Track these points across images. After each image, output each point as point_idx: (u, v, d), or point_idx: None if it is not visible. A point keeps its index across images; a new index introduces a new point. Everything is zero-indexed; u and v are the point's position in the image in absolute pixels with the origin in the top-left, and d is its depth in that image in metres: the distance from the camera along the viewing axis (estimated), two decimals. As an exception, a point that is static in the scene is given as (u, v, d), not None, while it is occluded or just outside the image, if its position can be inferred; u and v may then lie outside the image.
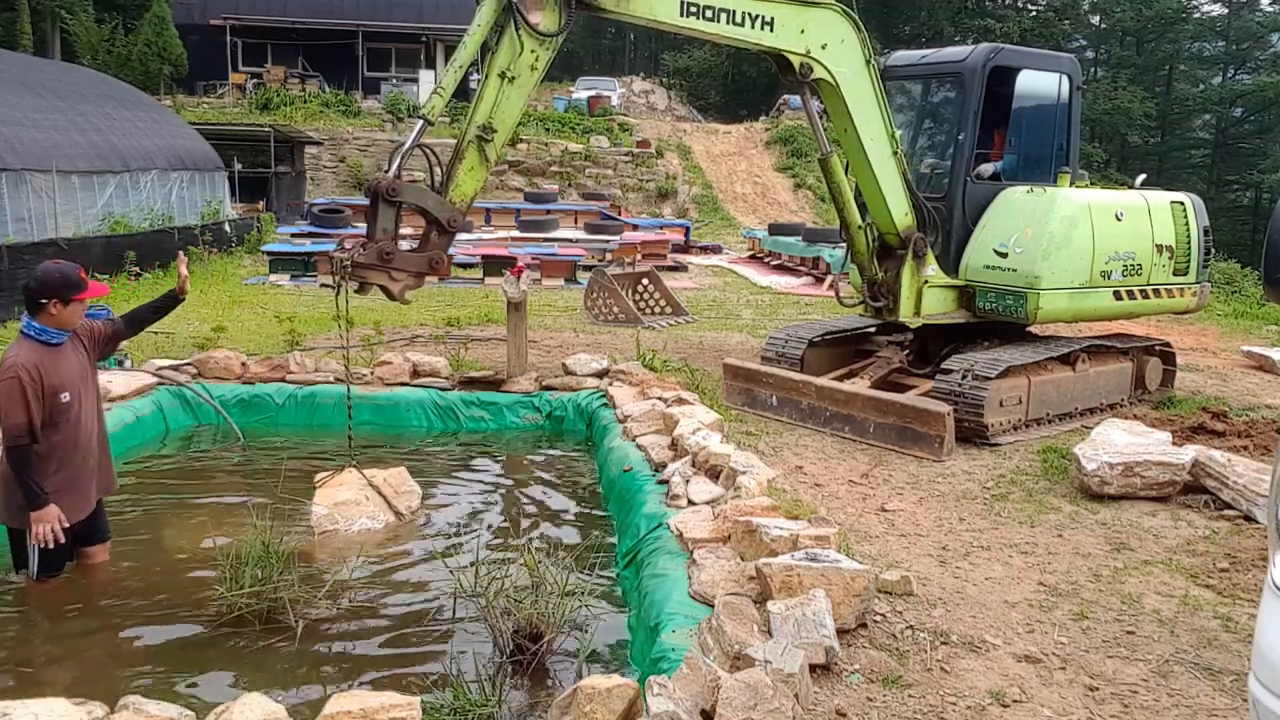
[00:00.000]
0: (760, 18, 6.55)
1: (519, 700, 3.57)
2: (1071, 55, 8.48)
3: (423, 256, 5.74)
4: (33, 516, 4.19)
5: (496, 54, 5.76)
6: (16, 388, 4.10)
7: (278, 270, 15.05)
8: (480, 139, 5.76)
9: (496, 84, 5.76)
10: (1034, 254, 7.26)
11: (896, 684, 3.44)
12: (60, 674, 3.78)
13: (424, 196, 5.72)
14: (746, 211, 28.27)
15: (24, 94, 14.33)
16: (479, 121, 5.77)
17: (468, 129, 5.78)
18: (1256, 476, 5.42)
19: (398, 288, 5.69)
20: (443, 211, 5.74)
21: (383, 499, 5.46)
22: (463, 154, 5.79)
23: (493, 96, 5.77)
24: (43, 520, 4.20)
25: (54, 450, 4.28)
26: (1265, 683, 2.36)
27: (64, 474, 4.32)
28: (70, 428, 4.32)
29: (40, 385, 4.16)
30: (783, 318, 12.67)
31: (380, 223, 5.54)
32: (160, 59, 28.69)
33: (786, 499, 5.14)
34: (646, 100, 41.65)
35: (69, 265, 4.38)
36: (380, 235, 5.54)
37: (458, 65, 5.59)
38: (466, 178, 5.81)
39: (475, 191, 5.88)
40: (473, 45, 5.65)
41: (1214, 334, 12.57)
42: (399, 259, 5.59)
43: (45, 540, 4.22)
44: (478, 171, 5.83)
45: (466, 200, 5.85)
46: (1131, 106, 42.55)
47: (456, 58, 5.60)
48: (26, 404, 4.11)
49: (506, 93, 5.78)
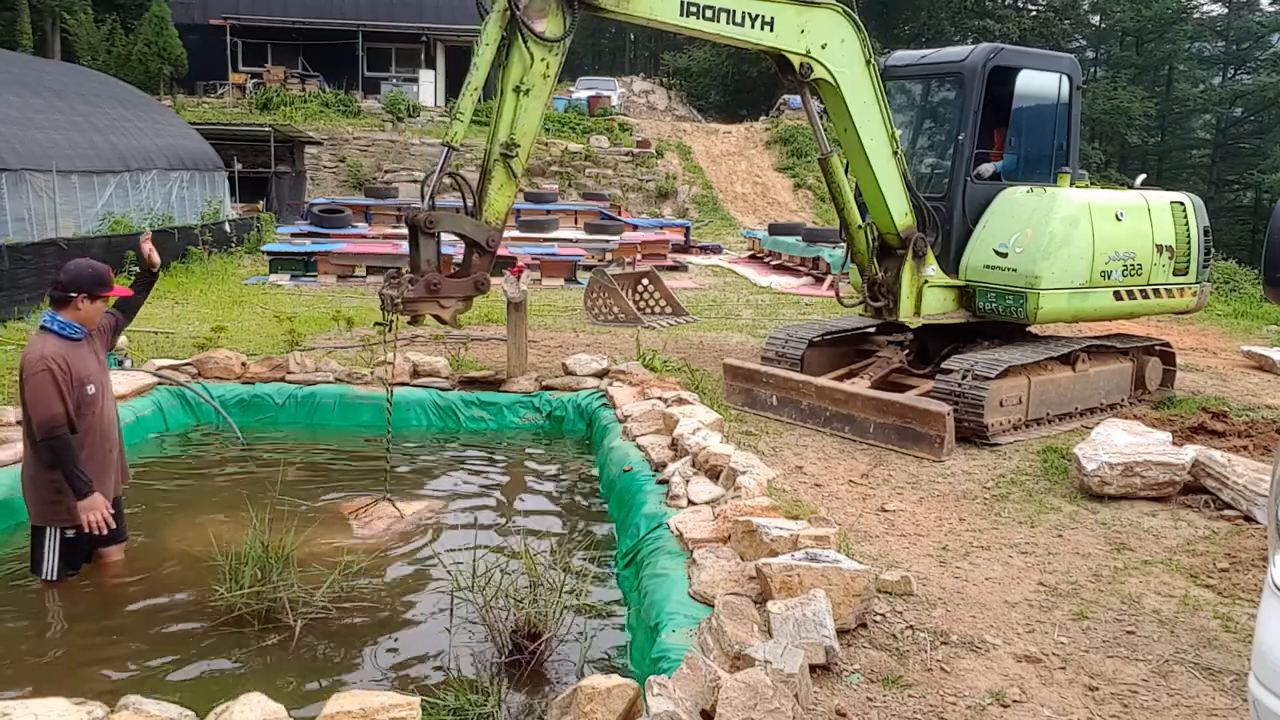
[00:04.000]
0: (760, 17, 6.55)
1: (519, 700, 3.57)
2: (1071, 55, 8.48)
3: (468, 280, 5.86)
4: (80, 506, 4.21)
5: (508, 70, 5.77)
6: (49, 380, 4.14)
7: (278, 270, 15.06)
8: (505, 156, 5.82)
9: (513, 99, 5.78)
10: (1034, 254, 7.27)
11: (896, 684, 3.44)
12: (60, 674, 3.77)
13: (460, 222, 5.88)
14: (746, 211, 28.27)
15: (24, 94, 14.33)
16: (501, 139, 5.80)
17: (491, 148, 5.83)
18: (1256, 476, 5.42)
19: (448, 314, 5.87)
20: (480, 233, 5.86)
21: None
22: (490, 173, 5.86)
23: (510, 112, 5.79)
24: (91, 509, 4.23)
25: (81, 443, 4.31)
26: (1265, 683, 2.36)
27: (90, 468, 4.34)
28: (96, 419, 4.39)
29: (70, 376, 4.21)
30: (783, 318, 12.67)
31: (423, 254, 5.68)
32: (160, 59, 28.69)
33: (786, 499, 5.14)
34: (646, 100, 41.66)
35: (100, 264, 4.47)
36: (425, 267, 5.67)
37: (473, 88, 5.61)
38: (498, 196, 5.89)
39: (508, 207, 5.96)
40: (484, 64, 5.66)
41: (1214, 334, 12.57)
42: (446, 287, 5.73)
43: (97, 528, 4.24)
44: (507, 188, 5.90)
45: (500, 217, 5.94)
46: (1131, 106, 42.53)
47: (470, 80, 5.61)
48: (61, 395, 4.16)
49: (524, 105, 5.80)
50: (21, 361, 4.28)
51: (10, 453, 5.35)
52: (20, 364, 4.29)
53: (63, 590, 4.38)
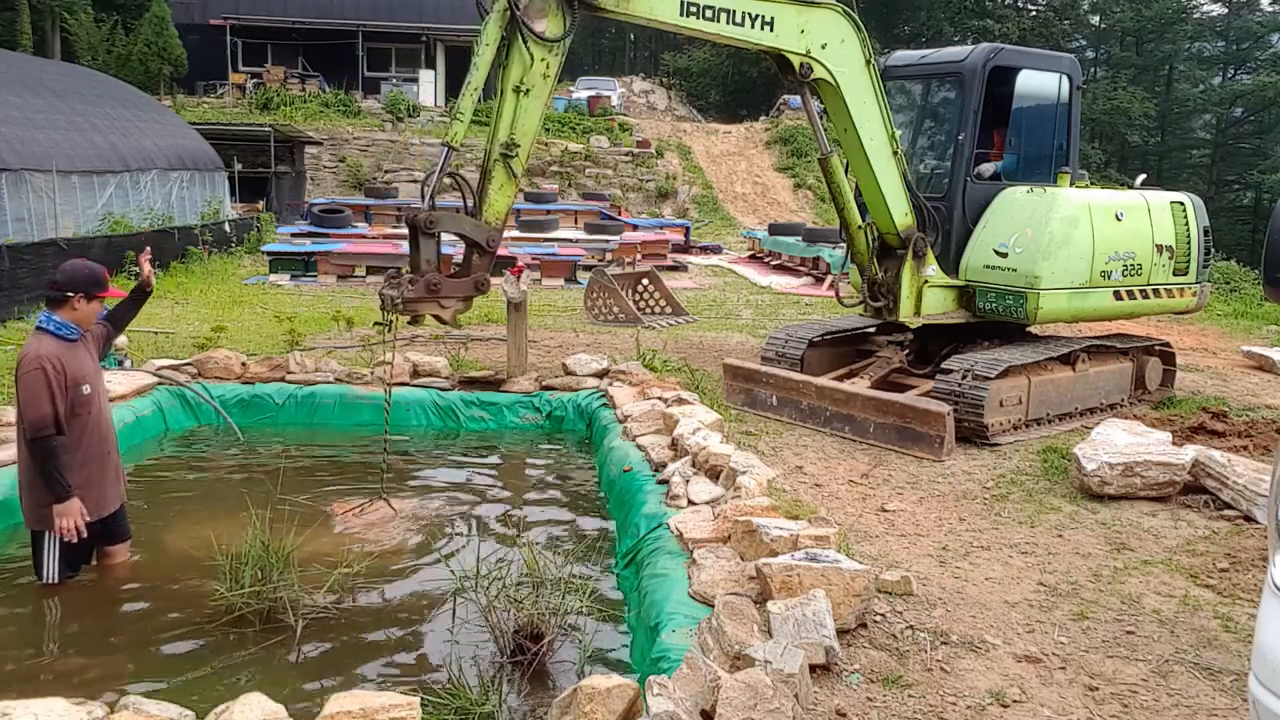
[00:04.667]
0: (760, 17, 6.55)
1: (519, 700, 3.57)
2: (1071, 55, 8.48)
3: (468, 280, 5.87)
4: (56, 509, 4.20)
5: (508, 70, 5.77)
6: (41, 378, 4.14)
7: (278, 270, 15.06)
8: (505, 156, 5.82)
9: (513, 99, 5.78)
10: (1034, 254, 7.27)
11: (896, 684, 3.44)
12: (60, 674, 3.77)
13: (460, 223, 5.88)
14: (746, 211, 28.27)
15: (24, 94, 14.33)
16: (501, 139, 5.80)
17: (491, 148, 5.83)
18: (1256, 476, 5.42)
19: (449, 314, 5.87)
20: (479, 233, 5.86)
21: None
22: (490, 173, 5.86)
23: (510, 112, 5.79)
24: (66, 513, 4.21)
25: (77, 443, 4.31)
26: (1265, 683, 2.36)
27: (87, 470, 4.35)
28: (92, 420, 4.38)
29: (64, 376, 4.21)
30: (783, 318, 12.67)
31: (423, 255, 5.69)
32: (160, 59, 28.69)
33: (786, 499, 5.14)
34: (646, 100, 41.65)
35: (96, 264, 4.48)
36: (425, 267, 5.68)
37: (473, 88, 5.61)
38: (498, 196, 5.89)
39: (508, 207, 5.96)
40: (484, 65, 5.66)
41: (1214, 334, 12.57)
42: (446, 287, 5.73)
43: (69, 534, 4.22)
44: (507, 188, 5.91)
45: (501, 218, 5.95)
46: (1131, 106, 42.53)
47: (470, 80, 5.61)
48: (51, 395, 4.16)
49: (524, 105, 5.80)
50: (17, 361, 4.28)
51: (10, 453, 5.34)
52: (16, 363, 4.29)
53: (63, 590, 4.37)
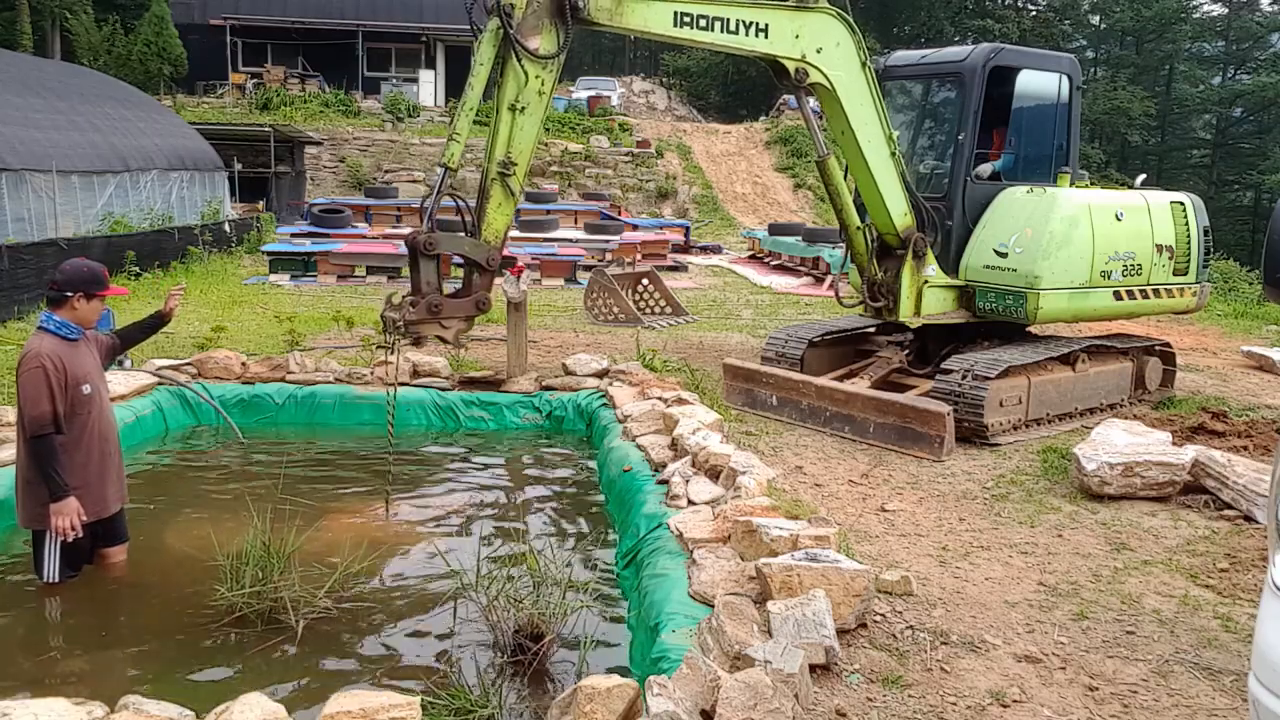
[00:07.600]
0: (754, 25, 6.53)
1: (519, 700, 3.57)
2: (1071, 55, 8.48)
3: (469, 300, 5.88)
4: (52, 508, 4.20)
5: (503, 88, 5.76)
6: (41, 377, 4.14)
7: (278, 270, 15.06)
8: (502, 174, 5.82)
9: (509, 118, 5.77)
10: (1034, 254, 7.26)
11: (896, 684, 3.44)
12: (60, 674, 3.77)
13: (459, 243, 5.89)
14: (746, 211, 28.27)
15: (24, 94, 14.33)
16: (498, 158, 5.79)
17: (488, 167, 5.83)
18: (1256, 476, 5.42)
19: (451, 334, 5.88)
20: (479, 253, 5.86)
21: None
22: (488, 192, 5.85)
23: (507, 130, 5.79)
24: (62, 512, 4.20)
25: (77, 443, 4.31)
26: (1265, 683, 2.36)
27: (87, 470, 4.34)
28: (92, 421, 4.38)
29: (64, 375, 4.21)
30: (783, 318, 12.67)
31: (424, 276, 5.70)
32: (160, 59, 28.69)
33: (786, 499, 5.14)
34: (646, 100, 41.65)
35: (96, 263, 4.49)
36: (426, 289, 5.69)
37: (468, 108, 5.60)
38: (496, 215, 5.89)
39: (507, 226, 5.96)
40: (479, 84, 5.65)
41: (1214, 334, 12.57)
42: (447, 308, 5.75)
43: (64, 533, 4.22)
44: (505, 206, 5.90)
45: (500, 236, 5.94)
46: (1131, 106, 42.54)
47: (465, 100, 5.59)
48: (51, 393, 4.16)
49: (520, 123, 5.79)
50: (18, 359, 4.28)
51: (11, 453, 5.34)
52: (17, 361, 4.30)
53: (63, 590, 4.37)
